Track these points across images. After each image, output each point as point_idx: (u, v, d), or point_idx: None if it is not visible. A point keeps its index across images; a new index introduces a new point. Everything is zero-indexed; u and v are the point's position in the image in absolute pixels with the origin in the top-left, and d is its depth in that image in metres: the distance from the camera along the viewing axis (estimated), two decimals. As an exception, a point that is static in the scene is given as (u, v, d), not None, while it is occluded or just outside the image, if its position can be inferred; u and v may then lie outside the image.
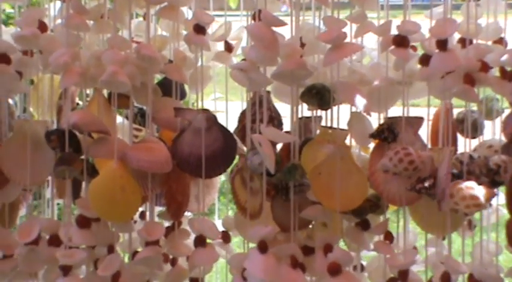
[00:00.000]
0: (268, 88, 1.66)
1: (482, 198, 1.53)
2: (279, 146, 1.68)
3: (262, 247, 1.56)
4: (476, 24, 1.68)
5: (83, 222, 1.64)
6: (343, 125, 1.64)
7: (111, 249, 1.69)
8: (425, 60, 1.61)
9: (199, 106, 1.67)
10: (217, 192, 1.88)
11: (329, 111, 1.62)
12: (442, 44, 1.56)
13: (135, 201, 1.62)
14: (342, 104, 1.62)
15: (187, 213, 1.83)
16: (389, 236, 1.69)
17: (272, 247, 1.57)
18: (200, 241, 1.67)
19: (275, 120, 1.66)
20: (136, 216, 1.84)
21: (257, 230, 1.57)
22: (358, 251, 1.74)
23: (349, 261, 1.61)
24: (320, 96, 1.59)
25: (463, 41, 1.67)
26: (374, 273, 1.78)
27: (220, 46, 1.84)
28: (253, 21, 1.60)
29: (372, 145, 1.68)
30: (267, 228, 1.57)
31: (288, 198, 1.61)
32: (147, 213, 1.75)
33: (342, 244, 1.70)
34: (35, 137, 1.69)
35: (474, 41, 1.67)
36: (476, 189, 1.54)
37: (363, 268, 1.81)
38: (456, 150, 1.70)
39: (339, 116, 1.62)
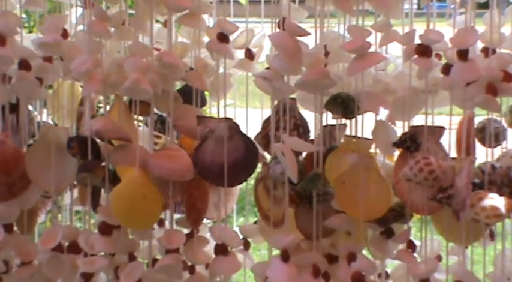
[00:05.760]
0: (294, 95, 1.66)
1: (502, 209, 1.53)
2: (303, 154, 1.67)
3: (285, 256, 1.56)
4: (499, 33, 1.67)
5: (106, 230, 1.63)
6: (367, 134, 1.63)
7: (132, 257, 1.68)
8: (447, 69, 1.60)
9: (219, 113, 1.67)
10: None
11: (353, 119, 1.62)
12: (463, 54, 1.55)
13: (156, 209, 1.62)
14: (366, 113, 1.61)
15: (205, 221, 1.83)
16: (411, 245, 1.69)
17: (295, 255, 1.57)
18: (221, 249, 1.67)
19: (300, 127, 1.65)
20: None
21: (280, 238, 1.57)
22: (383, 259, 1.73)
23: (372, 270, 1.61)
24: (345, 106, 1.58)
25: (486, 50, 1.66)
26: (399, 281, 1.77)
27: (240, 53, 1.83)
28: (277, 29, 1.60)
29: (397, 153, 1.68)
30: (289, 237, 1.57)
31: (312, 206, 1.60)
32: (166, 221, 1.74)
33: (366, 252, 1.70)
34: (59, 143, 1.68)
35: (498, 50, 1.66)
36: (497, 200, 1.54)
37: (387, 276, 1.81)
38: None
39: (363, 124, 1.61)
